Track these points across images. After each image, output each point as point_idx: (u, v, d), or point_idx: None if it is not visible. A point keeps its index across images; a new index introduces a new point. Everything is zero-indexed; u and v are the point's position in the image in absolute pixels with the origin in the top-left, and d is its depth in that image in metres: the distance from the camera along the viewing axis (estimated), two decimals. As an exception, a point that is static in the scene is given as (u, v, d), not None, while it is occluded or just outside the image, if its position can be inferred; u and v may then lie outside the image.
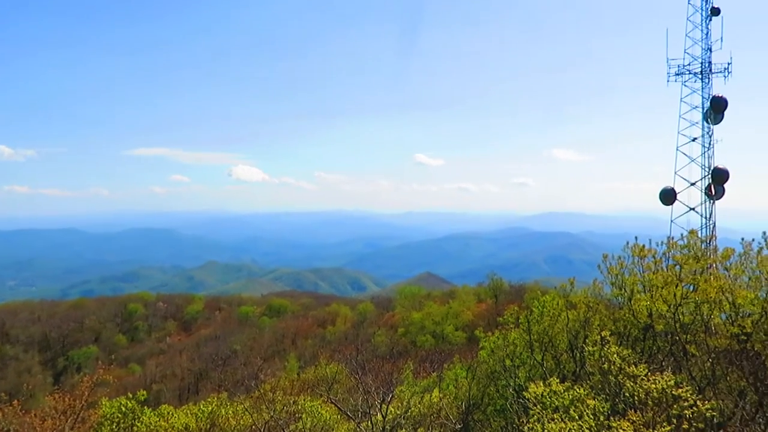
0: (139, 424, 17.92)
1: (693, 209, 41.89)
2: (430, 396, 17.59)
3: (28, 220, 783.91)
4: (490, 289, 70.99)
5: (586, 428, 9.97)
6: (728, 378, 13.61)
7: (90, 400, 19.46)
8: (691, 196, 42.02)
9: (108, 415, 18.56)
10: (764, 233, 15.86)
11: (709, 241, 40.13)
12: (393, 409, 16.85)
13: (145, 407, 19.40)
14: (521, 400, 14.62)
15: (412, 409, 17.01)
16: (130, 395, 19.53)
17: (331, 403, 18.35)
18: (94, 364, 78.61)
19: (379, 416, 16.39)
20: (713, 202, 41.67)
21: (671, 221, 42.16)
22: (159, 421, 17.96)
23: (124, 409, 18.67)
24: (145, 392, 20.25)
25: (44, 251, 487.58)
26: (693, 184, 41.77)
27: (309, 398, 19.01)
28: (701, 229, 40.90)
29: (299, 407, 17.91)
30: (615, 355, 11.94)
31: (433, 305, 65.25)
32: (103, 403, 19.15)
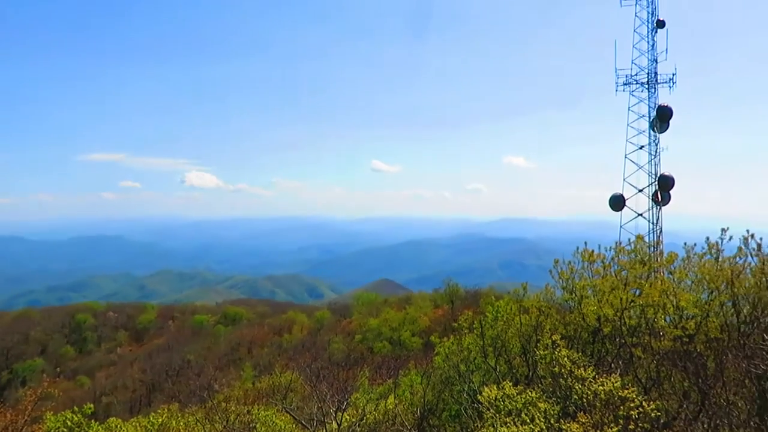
0: (85, 439, 17.36)
1: (641, 215, 43.22)
2: (386, 402, 17.59)
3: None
4: (446, 294, 71.49)
5: (537, 431, 10.14)
6: (672, 379, 14.06)
7: (34, 415, 18.72)
8: (639, 202, 43.39)
9: (52, 430, 17.91)
10: (707, 238, 16.47)
11: (656, 246, 41.54)
12: (348, 417, 16.79)
13: (93, 421, 18.79)
14: (475, 405, 14.77)
15: (368, 416, 16.98)
16: (77, 409, 18.90)
17: (286, 412, 18.16)
18: (40, 377, 75.74)
19: (334, 424, 16.31)
20: (660, 208, 43.10)
21: (620, 226, 43.38)
22: (107, 434, 17.45)
23: (69, 423, 18.03)
24: (92, 405, 19.60)
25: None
26: (641, 191, 43.10)
27: (263, 408, 18.76)
28: (648, 234, 42.24)
29: (253, 417, 17.66)
30: (565, 359, 12.19)
31: (390, 311, 65.35)
32: (48, 417, 18.44)
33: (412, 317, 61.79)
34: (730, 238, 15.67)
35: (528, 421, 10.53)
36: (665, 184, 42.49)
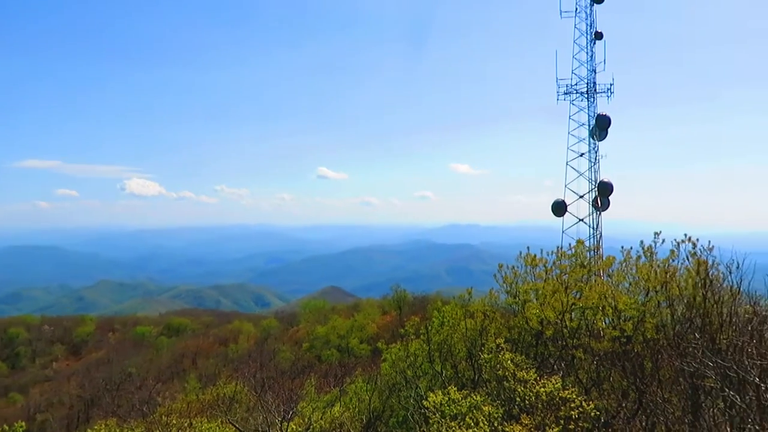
0: (16, 459, 16.48)
1: (582, 220, 44.48)
2: (332, 410, 17.42)
3: None
4: (394, 301, 71.64)
5: (482, 434, 10.21)
6: (612, 379, 14.46)
7: (-41, 435, 17.71)
8: (580, 208, 44.69)
9: (-20, 451, 16.95)
10: (641, 242, 17.05)
11: (596, 250, 42.81)
12: (294, 426, 16.52)
13: (24, 439, 17.88)
14: (422, 410, 14.78)
15: (314, 425, 16.75)
16: (7, 428, 17.99)
17: (230, 423, 17.73)
18: (-32, 395, 71.98)
19: (280, 434, 16.03)
20: (599, 213, 44.48)
21: (563, 232, 44.53)
22: (39, 453, 16.63)
23: (-1, 442, 17.11)
24: (24, 423, 18.68)
25: None
26: (581, 197, 44.38)
27: (206, 420, 18.24)
28: (589, 239, 43.52)
29: (195, 430, 17.15)
30: (509, 362, 12.35)
31: (338, 319, 65.03)
32: (-25, 438, 17.45)
33: (360, 324, 61.66)
34: (663, 241, 16.26)
35: (472, 424, 10.59)
36: (604, 190, 43.92)
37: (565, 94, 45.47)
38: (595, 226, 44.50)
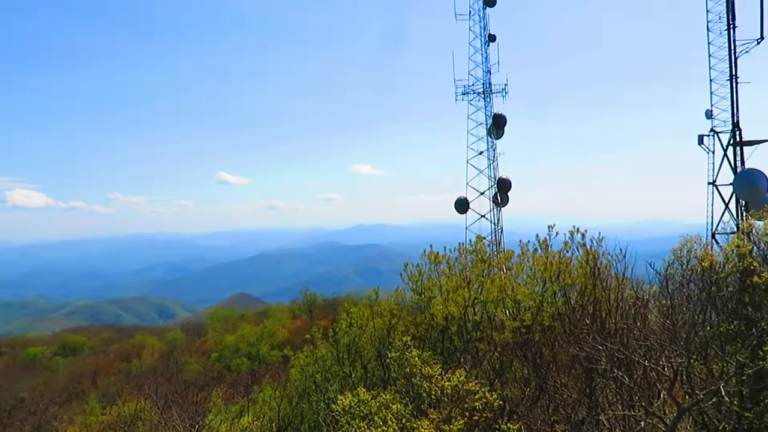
0: None
1: (483, 216, 46.08)
2: (240, 421, 17.00)
3: None
4: (304, 305, 71.14)
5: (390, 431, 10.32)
6: (513, 368, 15.06)
7: None
8: (482, 204, 46.27)
9: None
10: (537, 235, 17.86)
11: (498, 244, 44.49)
12: (202, 441, 16.00)
13: None
14: (332, 414, 14.74)
15: (223, 437, 16.31)
16: None
17: (132, 443, 16.92)
18: None
19: (187, 450, 15.46)
20: (500, 209, 46.25)
21: (466, 228, 45.93)
22: None
23: None
24: None
25: None
26: (482, 194, 45.97)
27: (107, 442, 17.31)
28: (491, 234, 45.13)
29: (95, 454, 16.22)
30: (416, 359, 12.55)
31: (247, 326, 63.71)
32: None
33: (270, 330, 60.73)
34: (557, 234, 17.14)
35: (381, 423, 10.68)
36: (503, 186, 45.72)
37: (463, 94, 46.93)
38: (496, 222, 46.22)
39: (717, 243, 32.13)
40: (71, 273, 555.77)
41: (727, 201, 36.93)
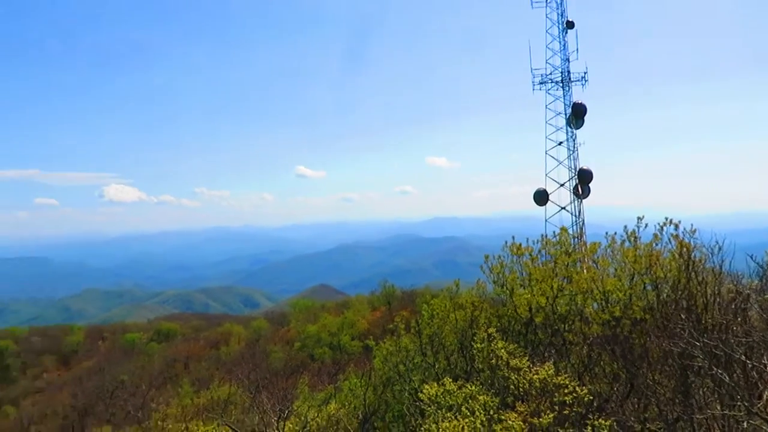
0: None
1: (564, 208, 44.89)
2: (328, 408, 17.51)
3: None
4: (383, 296, 71.87)
5: (479, 423, 10.36)
6: (602, 362, 14.70)
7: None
8: (562, 196, 45.08)
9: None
10: (625, 227, 17.31)
11: (579, 237, 43.30)
12: (291, 426, 16.59)
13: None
14: (417, 403, 14.93)
15: (311, 423, 16.83)
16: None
17: (226, 425, 17.78)
18: (-41, 410, 71.10)
19: (277, 434, 16.10)
20: (581, 201, 44.92)
21: (545, 220, 44.92)
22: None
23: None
24: (17, 437, 18.49)
25: None
26: (562, 185, 44.76)
27: (202, 423, 18.25)
28: (572, 226, 43.95)
29: (192, 434, 17.19)
30: (502, 350, 12.51)
31: (328, 317, 65.10)
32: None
33: (350, 321, 61.78)
34: (646, 225, 16.54)
35: (469, 414, 10.74)
36: (584, 177, 44.33)
37: (540, 83, 45.77)
38: (577, 214, 44.94)
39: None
40: (163, 264, 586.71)
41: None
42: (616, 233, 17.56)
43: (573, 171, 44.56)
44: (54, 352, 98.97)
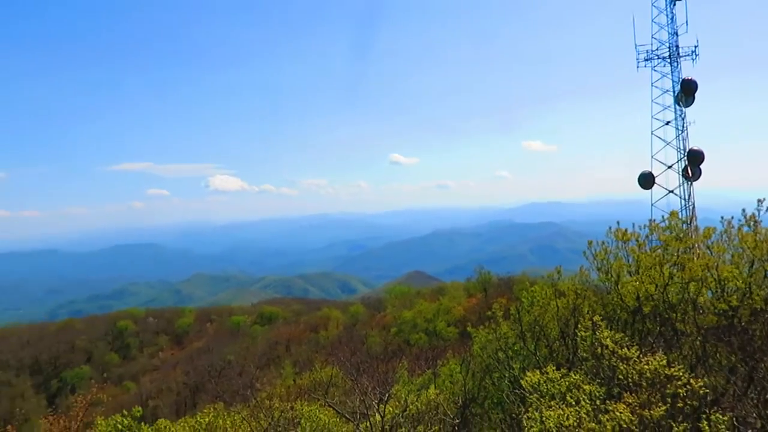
0: (136, 441, 17.79)
1: (672, 191, 42.48)
2: (427, 393, 17.68)
3: (9, 243, 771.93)
4: (479, 283, 71.38)
5: (584, 413, 10.10)
6: (718, 354, 13.86)
7: (86, 420, 19.28)
8: (669, 179, 42.64)
9: (104, 435, 18.37)
10: (743, 210, 16.14)
11: (690, 222, 40.82)
12: (391, 409, 16.89)
13: (142, 423, 19.22)
14: (517, 391, 14.76)
15: (410, 407, 17.06)
16: (126, 412, 19.32)
17: (329, 406, 18.37)
18: (88, 383, 77.87)
19: (378, 416, 16.44)
20: (691, 184, 42.29)
21: (651, 205, 42.72)
22: (156, 436, 17.85)
23: (120, 426, 18.45)
24: (140, 408, 20.01)
25: (27, 274, 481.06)
26: (670, 167, 42.36)
27: (306, 403, 18.97)
28: (681, 211, 41.51)
29: (297, 413, 17.88)
30: (608, 339, 12.10)
31: (423, 303, 65.50)
32: (99, 422, 18.88)
33: (446, 307, 61.83)
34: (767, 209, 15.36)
35: (573, 403, 10.49)
36: (695, 158, 41.66)
37: (646, 60, 43.41)
38: (686, 197, 42.40)
39: None
40: (264, 250, 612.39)
41: None
42: (732, 217, 16.43)
43: (682, 152, 42.05)
44: (168, 332, 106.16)
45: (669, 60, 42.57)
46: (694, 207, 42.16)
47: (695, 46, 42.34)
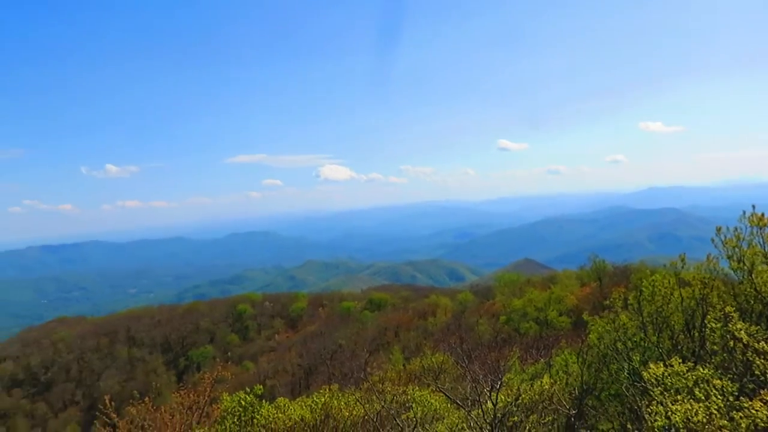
0: (258, 417, 18.78)
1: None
2: (541, 382, 17.30)
3: (141, 231, 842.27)
4: (593, 271, 68.52)
5: (715, 409, 9.48)
6: None
7: (212, 395, 20.60)
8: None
9: (229, 409, 19.59)
10: None
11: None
12: (503, 397, 16.70)
13: (263, 401, 20.31)
14: (638, 383, 14.10)
15: (523, 396, 16.78)
16: (248, 390, 20.49)
17: (440, 392, 18.47)
18: (212, 362, 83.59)
19: (489, 404, 16.31)
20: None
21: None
22: (276, 413, 18.75)
23: (243, 403, 19.61)
24: (261, 387, 21.17)
25: (157, 260, 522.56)
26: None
27: (417, 388, 19.21)
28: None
29: (409, 397, 18.15)
30: (742, 332, 11.25)
31: (534, 291, 63.90)
32: (224, 398, 20.18)
33: (557, 296, 59.95)
34: None
35: (702, 398, 9.87)
36: None
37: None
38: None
39: None
40: (372, 237, 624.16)
41: None
42: None
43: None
44: (283, 316, 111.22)
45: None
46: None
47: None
